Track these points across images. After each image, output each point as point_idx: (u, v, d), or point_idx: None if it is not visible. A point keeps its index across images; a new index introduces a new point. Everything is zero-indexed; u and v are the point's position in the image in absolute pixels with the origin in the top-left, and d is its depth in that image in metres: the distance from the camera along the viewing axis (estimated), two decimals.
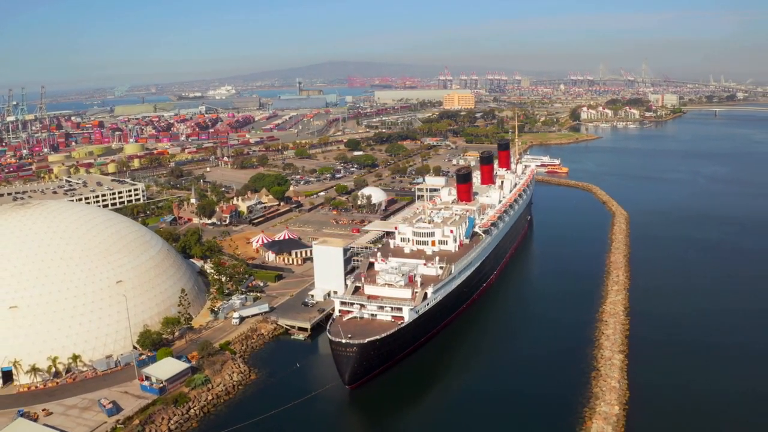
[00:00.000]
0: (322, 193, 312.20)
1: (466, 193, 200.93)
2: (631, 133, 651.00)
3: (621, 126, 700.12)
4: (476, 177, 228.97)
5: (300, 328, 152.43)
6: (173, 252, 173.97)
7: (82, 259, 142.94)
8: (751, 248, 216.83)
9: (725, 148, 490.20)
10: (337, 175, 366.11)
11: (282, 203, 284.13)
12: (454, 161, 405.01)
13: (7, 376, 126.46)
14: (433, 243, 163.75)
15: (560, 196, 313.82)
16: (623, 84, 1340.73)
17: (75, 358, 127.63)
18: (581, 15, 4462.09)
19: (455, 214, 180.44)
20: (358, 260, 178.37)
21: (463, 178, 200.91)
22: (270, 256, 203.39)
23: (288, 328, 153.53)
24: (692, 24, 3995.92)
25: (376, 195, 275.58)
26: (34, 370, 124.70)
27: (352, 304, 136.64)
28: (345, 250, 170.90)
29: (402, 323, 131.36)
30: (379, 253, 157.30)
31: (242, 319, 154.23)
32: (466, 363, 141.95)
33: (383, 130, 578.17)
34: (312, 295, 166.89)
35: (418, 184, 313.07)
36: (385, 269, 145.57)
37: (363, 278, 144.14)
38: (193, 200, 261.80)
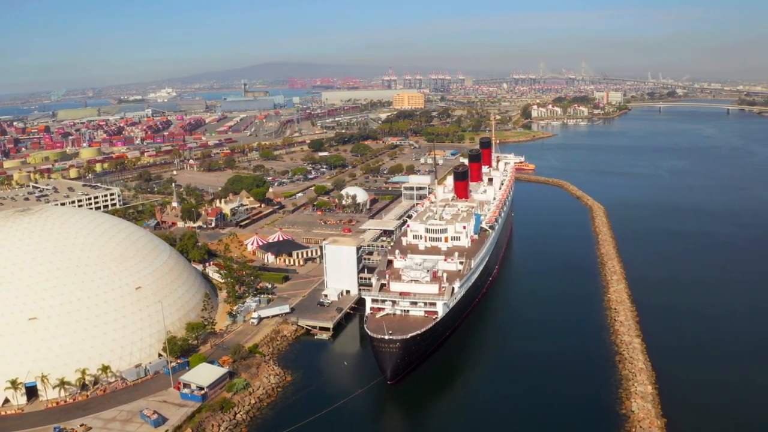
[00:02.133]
0: (300, 194, 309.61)
1: (464, 191, 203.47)
2: (583, 130, 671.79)
3: (571, 123, 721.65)
4: None
5: (322, 328, 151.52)
6: (181, 257, 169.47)
7: (99, 265, 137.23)
8: (727, 235, 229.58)
9: (679, 144, 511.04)
10: (309, 176, 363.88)
11: (263, 205, 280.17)
12: (422, 160, 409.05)
13: (31, 391, 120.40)
14: (446, 239, 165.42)
15: (535, 192, 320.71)
16: (564, 82, 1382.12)
17: (105, 369, 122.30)
18: (519, 15, 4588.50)
19: (461, 211, 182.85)
20: (367, 259, 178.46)
21: (460, 176, 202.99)
22: (270, 258, 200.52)
23: (309, 328, 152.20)
24: (629, 23, 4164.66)
25: (360, 195, 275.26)
26: (62, 383, 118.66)
27: (383, 301, 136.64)
28: (358, 249, 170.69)
29: (436, 318, 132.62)
30: (397, 251, 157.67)
31: (260, 319, 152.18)
32: (492, 354, 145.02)
33: (342, 131, 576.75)
34: (326, 295, 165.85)
35: (396, 183, 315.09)
36: (408, 266, 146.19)
37: (387, 275, 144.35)
38: (174, 204, 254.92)
